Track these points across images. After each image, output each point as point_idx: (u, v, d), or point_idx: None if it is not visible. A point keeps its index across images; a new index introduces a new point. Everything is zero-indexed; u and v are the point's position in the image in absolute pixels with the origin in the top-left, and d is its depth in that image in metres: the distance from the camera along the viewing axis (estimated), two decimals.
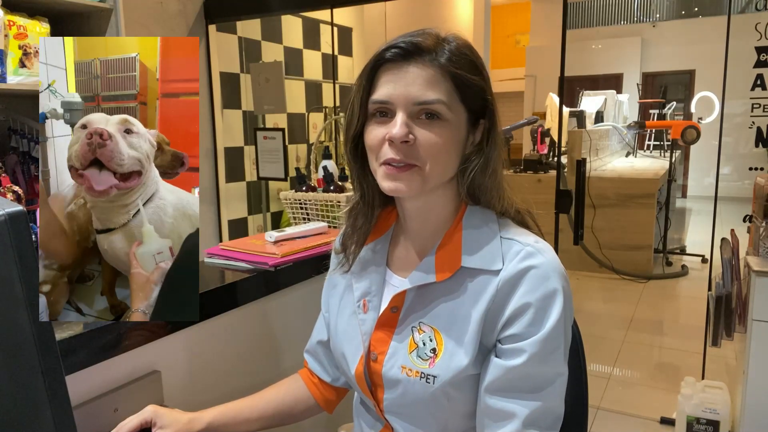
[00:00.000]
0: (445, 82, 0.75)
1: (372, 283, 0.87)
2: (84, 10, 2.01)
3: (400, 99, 0.74)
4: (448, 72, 0.75)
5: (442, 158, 0.76)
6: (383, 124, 0.76)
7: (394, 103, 0.75)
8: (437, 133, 0.75)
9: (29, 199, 1.81)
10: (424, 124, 0.75)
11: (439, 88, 0.74)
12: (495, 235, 0.79)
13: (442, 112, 0.74)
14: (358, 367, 0.86)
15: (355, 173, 0.85)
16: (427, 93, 0.74)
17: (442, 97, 0.74)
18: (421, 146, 0.74)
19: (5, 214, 0.52)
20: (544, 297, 0.74)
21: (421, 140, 0.74)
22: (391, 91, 0.75)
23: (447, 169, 0.78)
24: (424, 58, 0.75)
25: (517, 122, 5.20)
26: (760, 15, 2.55)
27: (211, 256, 1.31)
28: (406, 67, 0.75)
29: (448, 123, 0.75)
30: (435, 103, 0.74)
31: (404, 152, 0.74)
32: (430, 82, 0.74)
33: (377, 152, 0.77)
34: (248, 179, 3.32)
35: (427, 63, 0.75)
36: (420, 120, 0.75)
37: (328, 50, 3.81)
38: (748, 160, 2.91)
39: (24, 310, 0.53)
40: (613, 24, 8.97)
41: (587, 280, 4.60)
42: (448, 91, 0.75)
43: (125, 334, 0.93)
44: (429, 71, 0.74)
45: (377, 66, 0.77)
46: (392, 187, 0.76)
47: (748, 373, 1.99)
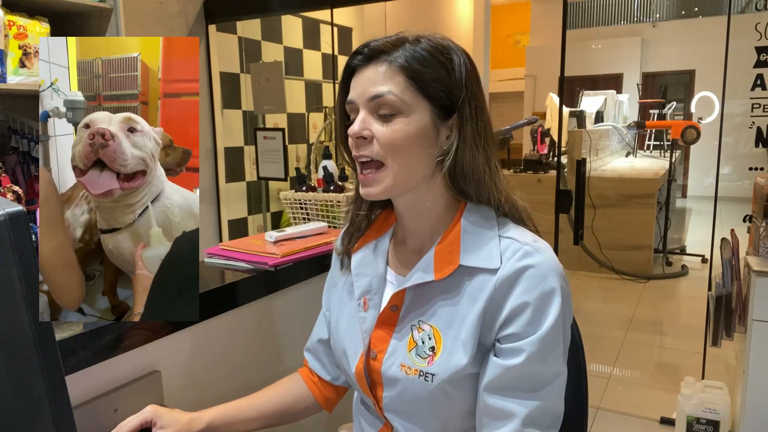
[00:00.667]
0: (398, 75, 0.77)
1: (372, 282, 0.88)
2: (84, 10, 2.01)
3: (360, 97, 0.79)
4: (400, 66, 0.77)
5: (403, 152, 0.77)
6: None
7: (356, 102, 0.79)
8: (392, 128, 0.77)
9: (29, 199, 1.81)
10: (381, 120, 0.78)
11: (388, 81, 0.77)
12: (494, 234, 0.79)
13: (395, 104, 0.76)
14: (358, 365, 0.86)
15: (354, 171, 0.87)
16: (377, 87, 0.77)
17: (392, 89, 0.77)
18: (378, 141, 0.78)
19: (5, 214, 0.52)
20: (542, 296, 0.74)
21: (377, 135, 0.77)
22: (353, 92, 0.80)
23: (414, 163, 0.78)
24: (380, 58, 0.79)
25: (517, 122, 5.20)
26: (760, 15, 2.55)
27: (211, 256, 1.31)
28: (366, 68, 0.79)
29: (406, 117, 0.77)
30: (385, 95, 0.77)
31: (365, 148, 0.78)
32: (383, 77, 0.78)
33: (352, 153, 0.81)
34: (248, 179, 3.32)
35: (381, 62, 0.79)
36: (379, 116, 0.78)
37: (328, 50, 3.81)
38: (748, 160, 2.91)
39: (24, 310, 0.53)
40: (613, 24, 8.97)
41: (587, 280, 4.60)
42: (400, 83, 0.77)
43: (125, 334, 0.93)
44: (383, 67, 0.78)
45: (348, 73, 0.82)
46: (364, 193, 0.81)
47: (748, 373, 1.99)
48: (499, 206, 0.82)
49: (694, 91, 7.92)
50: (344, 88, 0.83)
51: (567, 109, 5.26)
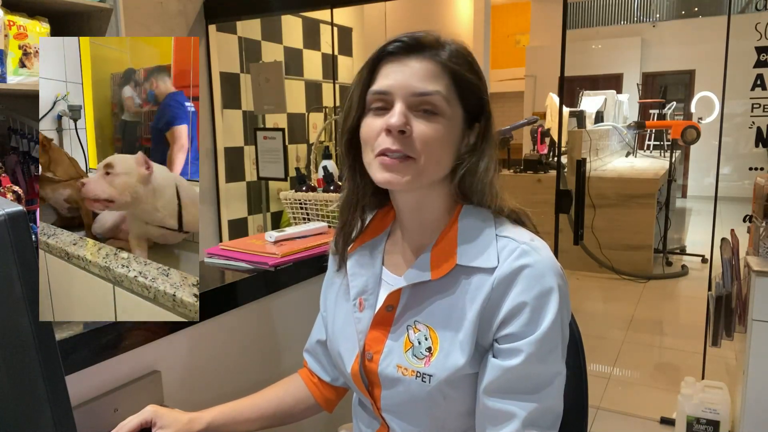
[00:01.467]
0: (444, 77, 0.76)
1: (368, 282, 0.87)
2: (84, 10, 2.01)
3: (399, 90, 0.75)
4: (447, 68, 0.76)
5: (436, 153, 0.76)
6: (380, 116, 0.77)
7: (393, 94, 0.75)
8: (434, 127, 0.75)
9: (29, 199, 1.81)
10: (421, 117, 0.75)
11: (438, 81, 0.75)
12: (491, 233, 0.79)
13: (439, 105, 0.75)
14: (354, 366, 0.86)
15: (347, 165, 0.85)
16: (426, 85, 0.75)
17: (441, 89, 0.75)
18: (417, 138, 0.75)
19: (5, 214, 0.52)
20: (540, 296, 0.73)
21: (417, 132, 0.75)
22: (392, 81, 0.76)
23: (441, 165, 0.78)
24: (424, 53, 0.76)
25: (517, 122, 5.20)
26: (760, 15, 2.55)
27: (211, 256, 1.31)
28: (408, 60, 0.76)
29: (445, 119, 0.76)
30: (434, 94, 0.75)
31: (400, 143, 0.74)
32: (430, 75, 0.75)
33: (372, 144, 0.77)
34: (248, 179, 3.32)
35: (427, 57, 0.76)
36: (418, 113, 0.75)
37: (328, 50, 3.81)
38: (748, 160, 2.91)
39: (24, 310, 0.53)
40: (613, 24, 8.97)
41: (587, 280, 4.59)
42: (447, 86, 0.76)
43: (125, 334, 0.93)
44: (429, 65, 0.76)
45: (379, 59, 0.78)
46: (386, 178, 0.76)
47: (748, 373, 1.99)
48: (494, 207, 0.82)
49: (694, 91, 7.91)
50: (370, 73, 0.79)
51: (567, 109, 5.26)
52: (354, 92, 0.80)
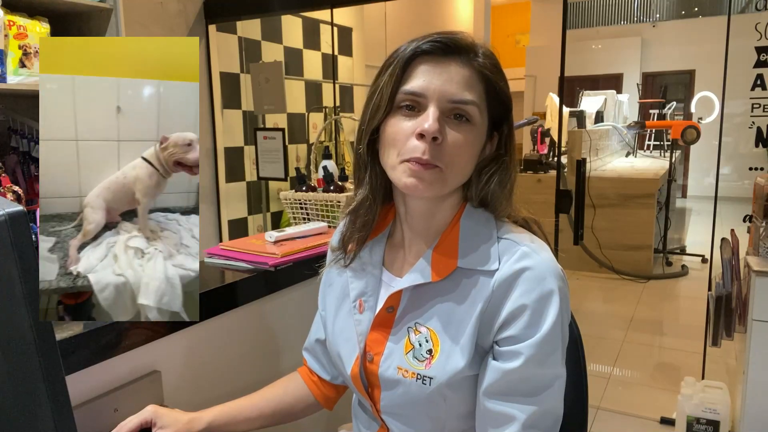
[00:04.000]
0: (479, 84, 0.75)
1: (368, 283, 0.87)
2: (84, 10, 2.01)
3: (435, 93, 0.72)
4: (483, 75, 0.75)
5: (462, 162, 0.75)
6: (411, 118, 0.74)
7: (428, 97, 0.73)
8: (464, 136, 0.74)
9: (29, 199, 1.81)
10: (453, 125, 0.74)
11: (474, 89, 0.74)
12: (492, 236, 0.79)
13: (473, 114, 0.74)
14: (354, 368, 0.85)
15: (364, 166, 0.82)
16: (464, 92, 0.73)
17: (476, 99, 0.74)
18: (447, 147, 0.73)
19: (5, 214, 0.52)
20: (540, 298, 0.73)
21: (449, 141, 0.73)
22: (428, 84, 0.73)
23: (464, 173, 0.78)
24: (462, 57, 0.74)
25: (517, 122, 5.19)
26: (760, 15, 2.55)
27: (211, 256, 1.31)
28: (446, 62, 0.74)
29: (475, 128, 0.75)
30: (470, 104, 0.73)
31: (432, 150, 0.72)
32: (468, 82, 0.74)
33: (400, 147, 0.74)
34: (248, 179, 3.32)
35: (465, 62, 0.74)
36: (449, 120, 0.74)
37: (328, 50, 3.81)
38: (748, 160, 2.90)
39: (24, 310, 0.53)
40: (613, 24, 8.97)
41: (587, 280, 4.59)
42: (481, 94, 0.75)
43: (125, 334, 0.93)
44: (467, 71, 0.74)
45: (414, 56, 0.74)
46: (412, 184, 0.73)
47: (748, 373, 1.99)
48: (507, 215, 0.81)
49: (694, 91, 7.91)
50: (403, 71, 0.74)
51: (567, 109, 5.26)
52: (383, 90, 0.75)
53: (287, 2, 2.96)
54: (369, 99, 0.78)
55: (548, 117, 5.67)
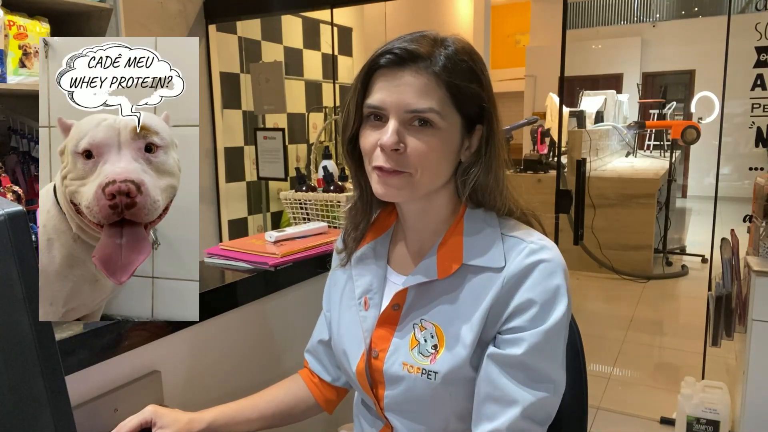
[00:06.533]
0: (438, 90, 0.74)
1: (373, 281, 0.88)
2: (84, 10, 2.01)
3: (392, 106, 0.75)
4: (442, 80, 0.74)
5: (432, 166, 0.76)
6: (377, 129, 0.77)
7: (387, 109, 0.75)
8: (428, 141, 0.75)
9: (29, 199, 1.81)
10: (415, 132, 0.75)
11: (432, 96, 0.74)
12: (496, 233, 0.80)
13: (434, 120, 0.75)
14: (360, 365, 0.86)
15: (353, 172, 0.86)
16: (419, 101, 0.74)
17: (434, 105, 0.74)
18: (411, 154, 0.75)
19: (5, 214, 0.52)
20: (548, 293, 0.74)
21: (411, 148, 0.75)
22: (385, 97, 0.75)
23: (438, 175, 0.79)
24: (418, 65, 0.74)
25: (517, 122, 5.20)
26: (760, 15, 2.55)
27: (211, 256, 1.31)
28: (400, 74, 0.75)
29: (440, 131, 0.75)
30: (427, 111, 0.74)
31: (394, 160, 0.75)
32: (424, 90, 0.74)
33: (370, 156, 0.78)
34: (248, 179, 3.32)
35: (421, 70, 0.74)
36: (412, 127, 0.75)
37: (328, 50, 3.81)
38: (748, 160, 2.90)
39: (24, 310, 0.53)
40: (613, 24, 8.97)
41: (587, 280, 4.59)
42: (441, 98, 0.75)
43: (125, 334, 0.93)
44: (422, 79, 0.74)
45: (372, 70, 0.77)
46: (383, 192, 0.77)
47: (748, 373, 1.99)
48: (505, 209, 0.82)
49: (694, 91, 7.91)
50: (364, 85, 0.78)
51: (567, 109, 5.26)
52: (350, 103, 0.79)
53: (287, 2, 2.96)
54: (342, 112, 0.82)
55: (548, 117, 5.67)
